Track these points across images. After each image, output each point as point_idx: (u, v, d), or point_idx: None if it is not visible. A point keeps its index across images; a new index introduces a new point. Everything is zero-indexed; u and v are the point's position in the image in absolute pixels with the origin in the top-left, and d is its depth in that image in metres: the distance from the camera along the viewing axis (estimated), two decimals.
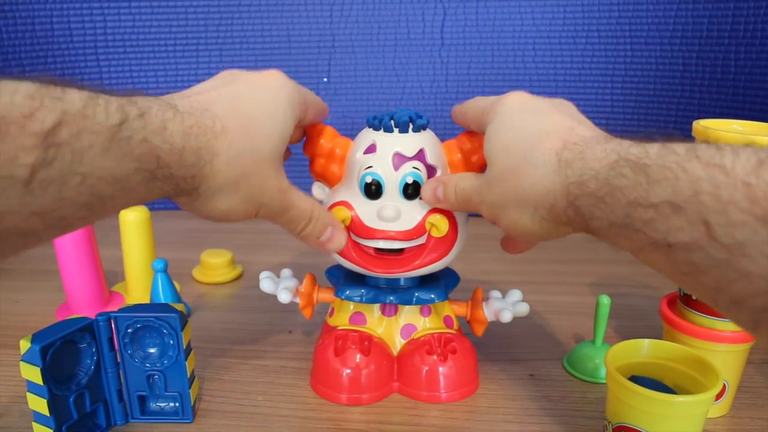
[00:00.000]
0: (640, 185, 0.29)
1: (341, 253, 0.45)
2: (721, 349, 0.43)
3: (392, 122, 0.44)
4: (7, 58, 0.77)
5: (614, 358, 0.40)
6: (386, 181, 0.43)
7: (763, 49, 0.71)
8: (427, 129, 0.46)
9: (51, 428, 0.40)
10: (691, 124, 0.43)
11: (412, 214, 0.44)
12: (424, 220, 0.44)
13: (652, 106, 0.81)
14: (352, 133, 0.46)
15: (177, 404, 0.44)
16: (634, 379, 0.38)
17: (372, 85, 0.85)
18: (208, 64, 0.85)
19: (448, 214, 0.44)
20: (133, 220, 0.60)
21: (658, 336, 0.44)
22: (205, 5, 0.84)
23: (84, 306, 0.58)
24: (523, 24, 0.84)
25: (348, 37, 0.82)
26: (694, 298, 0.44)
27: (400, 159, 0.43)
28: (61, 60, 0.81)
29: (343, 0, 0.81)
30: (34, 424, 0.41)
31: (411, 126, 0.44)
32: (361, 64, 0.84)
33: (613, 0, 0.82)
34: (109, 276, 0.66)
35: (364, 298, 0.47)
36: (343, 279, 0.48)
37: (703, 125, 0.42)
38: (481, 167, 0.45)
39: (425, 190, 0.43)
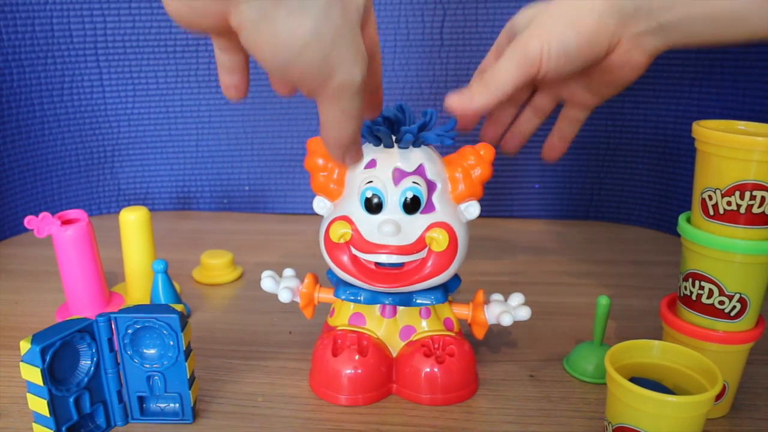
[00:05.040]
0: None
1: (341, 267, 0.45)
2: (721, 350, 0.43)
3: (393, 138, 0.44)
4: (7, 58, 0.77)
5: (614, 358, 0.40)
6: (386, 195, 0.44)
7: (763, 48, 0.70)
8: (429, 145, 0.46)
9: (51, 429, 0.40)
10: (691, 124, 0.43)
11: (412, 228, 0.44)
12: (423, 234, 0.44)
13: (652, 106, 0.81)
14: None
15: (177, 405, 0.45)
16: (634, 379, 0.38)
17: None
18: (208, 64, 0.85)
19: (448, 228, 0.44)
20: (133, 220, 0.59)
21: (657, 337, 0.44)
22: None
23: (84, 307, 0.58)
24: None
25: None
26: (693, 298, 0.44)
27: (400, 174, 0.44)
28: (61, 60, 0.81)
29: None
30: (34, 425, 0.41)
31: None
32: None
33: None
34: (109, 277, 0.66)
35: (362, 299, 0.47)
36: (343, 279, 0.48)
37: (703, 125, 0.42)
38: (482, 182, 0.46)
39: (452, 103, 0.48)
